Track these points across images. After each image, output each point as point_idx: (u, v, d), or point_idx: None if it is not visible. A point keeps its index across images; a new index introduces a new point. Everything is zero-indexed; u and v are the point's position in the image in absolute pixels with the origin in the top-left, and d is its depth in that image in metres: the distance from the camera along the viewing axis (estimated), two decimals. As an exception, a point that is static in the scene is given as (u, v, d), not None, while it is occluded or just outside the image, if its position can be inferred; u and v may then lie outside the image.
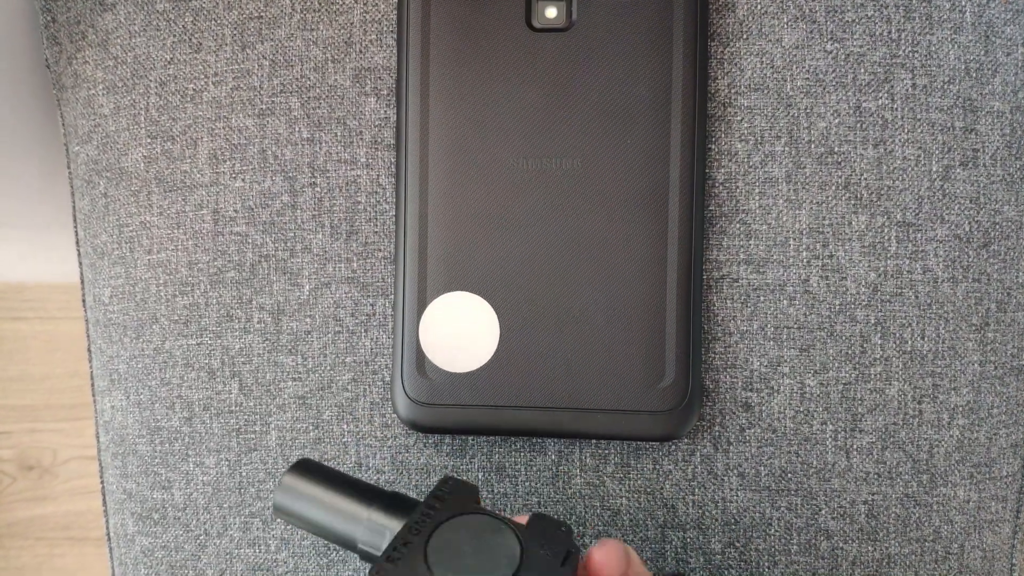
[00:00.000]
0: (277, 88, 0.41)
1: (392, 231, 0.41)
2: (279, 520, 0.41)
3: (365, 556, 0.33)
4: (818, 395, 0.40)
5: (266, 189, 0.41)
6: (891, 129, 0.40)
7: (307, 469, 0.35)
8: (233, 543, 0.42)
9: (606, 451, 0.41)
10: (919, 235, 0.40)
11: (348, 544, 0.34)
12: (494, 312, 0.39)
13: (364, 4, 0.41)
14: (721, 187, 0.40)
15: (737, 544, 0.40)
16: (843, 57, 0.40)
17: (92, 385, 0.47)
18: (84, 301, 0.47)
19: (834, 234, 0.40)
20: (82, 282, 0.47)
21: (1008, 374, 0.42)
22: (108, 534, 0.47)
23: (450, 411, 0.39)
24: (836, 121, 0.40)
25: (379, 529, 0.33)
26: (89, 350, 0.47)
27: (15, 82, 0.48)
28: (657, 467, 0.40)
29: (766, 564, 0.40)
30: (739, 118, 0.40)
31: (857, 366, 0.40)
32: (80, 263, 0.47)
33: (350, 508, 0.34)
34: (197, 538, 0.43)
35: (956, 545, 0.41)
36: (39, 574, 1.00)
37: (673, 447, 0.40)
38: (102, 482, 0.47)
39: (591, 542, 0.40)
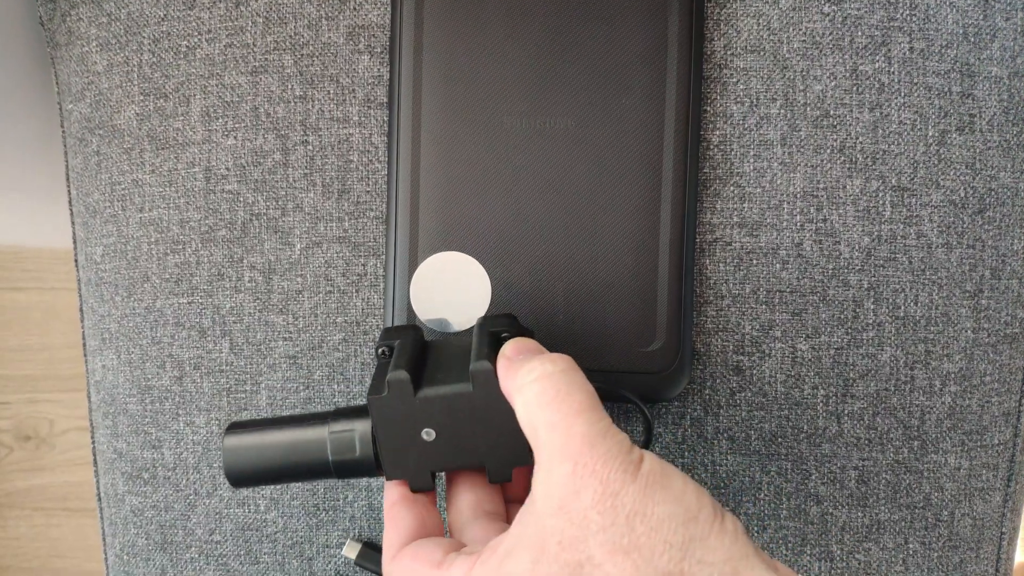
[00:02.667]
0: (270, 45, 0.41)
1: (384, 190, 0.41)
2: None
3: (341, 467, 0.33)
4: (810, 360, 0.40)
5: (258, 147, 0.41)
6: (887, 93, 0.40)
7: (242, 427, 0.34)
8: (223, 503, 0.42)
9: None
10: (914, 200, 0.40)
11: (318, 469, 0.33)
12: (485, 273, 0.39)
13: (358, -38, 0.41)
14: (715, 149, 0.40)
15: (727, 508, 0.40)
16: (840, 19, 0.40)
17: (84, 345, 0.47)
18: (76, 260, 0.47)
19: (828, 198, 0.40)
20: (74, 241, 0.47)
21: (1001, 342, 0.41)
22: (98, 494, 0.47)
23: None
24: (832, 84, 0.40)
25: (346, 436, 0.33)
26: (81, 310, 0.47)
27: (9, 40, 0.48)
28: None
29: (755, 528, 0.40)
30: (734, 80, 0.40)
31: (849, 331, 0.40)
32: (73, 222, 0.47)
33: (307, 435, 0.33)
34: (187, 498, 0.43)
35: (946, 512, 0.41)
36: (35, 544, 1.00)
37: (663, 409, 0.40)
38: (93, 442, 0.47)
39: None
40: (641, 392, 0.38)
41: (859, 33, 0.40)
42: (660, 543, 0.26)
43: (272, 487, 0.42)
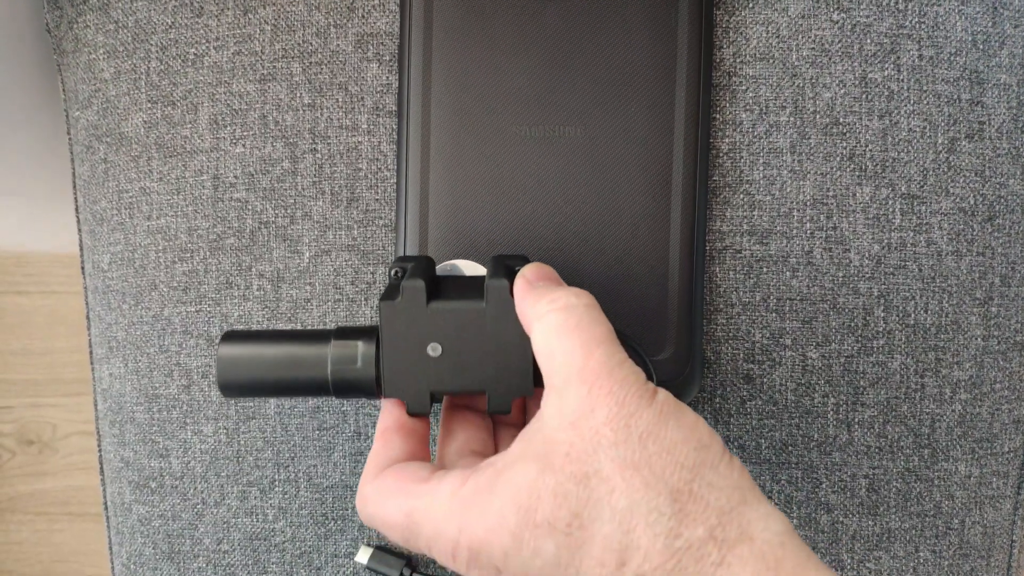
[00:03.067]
0: (279, 53, 0.41)
1: (393, 198, 0.41)
2: (231, 400, 0.39)
3: (339, 383, 0.32)
4: (820, 368, 0.40)
5: (267, 155, 0.41)
6: (897, 100, 0.40)
7: (239, 337, 0.33)
8: (231, 512, 0.42)
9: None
10: (924, 208, 0.40)
11: (316, 385, 0.33)
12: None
13: (367, -31, 0.41)
14: (725, 157, 0.40)
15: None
16: (849, 27, 0.40)
17: (90, 353, 0.47)
18: (83, 268, 0.46)
19: (838, 206, 0.40)
20: (81, 249, 0.47)
21: (1011, 349, 0.41)
22: (105, 503, 0.47)
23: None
24: (842, 92, 0.40)
25: (348, 351, 0.32)
26: (88, 317, 0.47)
27: (15, 47, 0.48)
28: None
29: (765, 537, 0.40)
30: (744, 87, 0.40)
31: (860, 339, 0.40)
32: (79, 230, 0.47)
33: (308, 350, 0.33)
34: (194, 507, 0.43)
35: (957, 520, 0.41)
36: (37, 548, 1.00)
37: (673, 418, 0.40)
38: (99, 451, 0.47)
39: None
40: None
41: (868, 40, 0.40)
42: (671, 463, 0.26)
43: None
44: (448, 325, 0.32)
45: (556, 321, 0.28)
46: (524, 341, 0.31)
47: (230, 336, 0.33)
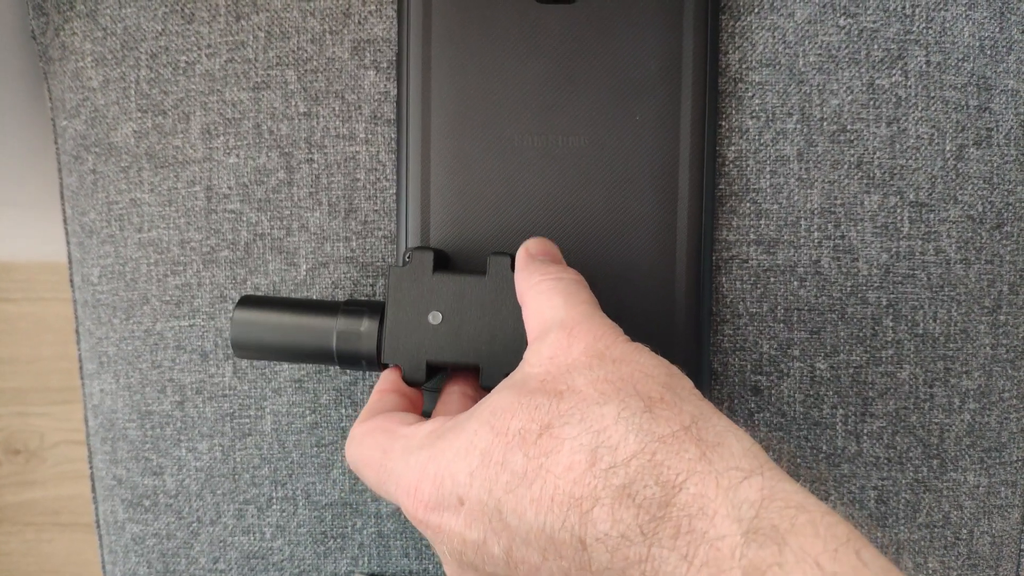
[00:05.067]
0: (273, 60, 0.40)
1: (392, 209, 0.40)
2: (242, 360, 0.41)
3: (344, 355, 0.34)
4: (828, 379, 0.39)
5: (261, 165, 0.40)
6: (905, 107, 0.39)
7: (254, 303, 0.35)
8: (227, 531, 0.41)
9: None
10: (932, 216, 0.39)
11: (321, 354, 0.35)
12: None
13: (363, -26, 0.40)
14: (731, 165, 0.39)
15: (744, 531, 0.40)
16: (856, 33, 0.39)
17: (80, 368, 0.46)
18: (72, 281, 0.45)
19: (846, 214, 0.39)
20: (70, 261, 0.45)
21: (1020, 357, 0.41)
22: (97, 521, 0.46)
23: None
24: (849, 98, 0.39)
25: (354, 323, 0.34)
26: (77, 331, 0.46)
27: (0, 54, 0.47)
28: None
29: (773, 551, 0.40)
30: (750, 94, 0.39)
31: (868, 349, 0.39)
32: (68, 242, 0.45)
33: (317, 322, 0.35)
34: (189, 525, 0.42)
35: (965, 531, 0.41)
36: (27, 559, 0.99)
37: (680, 432, 0.39)
38: (91, 468, 0.46)
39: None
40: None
41: (875, 46, 0.39)
42: (643, 378, 0.26)
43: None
44: (450, 295, 0.34)
45: (548, 287, 0.30)
46: (520, 316, 0.33)
47: (245, 301, 0.35)
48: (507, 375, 0.33)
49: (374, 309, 0.35)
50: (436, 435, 0.28)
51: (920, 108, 0.39)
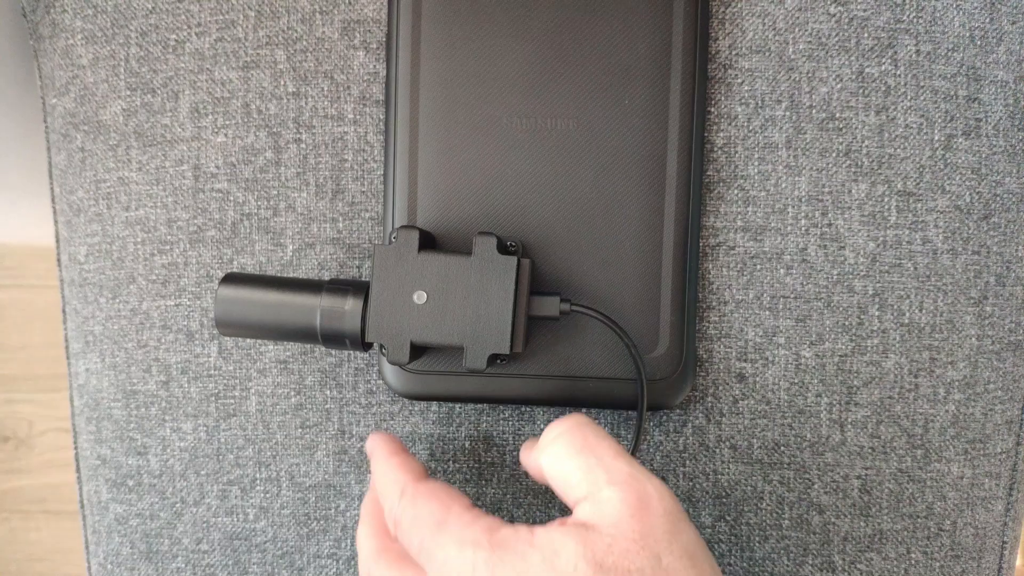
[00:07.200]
0: (262, 40, 0.40)
1: (380, 191, 0.39)
2: (226, 338, 0.40)
3: (328, 335, 0.34)
4: (813, 367, 0.39)
5: (249, 145, 0.40)
6: (894, 96, 0.39)
7: (238, 280, 0.35)
8: (210, 511, 0.41)
9: (596, 420, 0.39)
10: (919, 205, 0.39)
11: (305, 333, 0.34)
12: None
13: (354, -45, 0.40)
14: (720, 152, 0.39)
15: (728, 518, 0.39)
16: (847, 20, 0.39)
17: (66, 347, 0.46)
18: (59, 260, 0.45)
19: (833, 202, 0.39)
20: (57, 240, 0.45)
21: (1005, 349, 0.41)
22: (81, 501, 0.46)
23: (439, 378, 0.38)
24: (838, 86, 0.39)
25: (338, 303, 0.34)
26: (64, 311, 0.45)
27: (-11, 32, 0.46)
28: (648, 438, 0.39)
29: (757, 538, 0.40)
30: (739, 81, 0.39)
31: (854, 338, 0.39)
32: (55, 220, 0.45)
33: (302, 300, 0.34)
34: (173, 506, 0.42)
35: (948, 522, 0.41)
36: (13, 547, 0.98)
37: (664, 417, 0.39)
38: (75, 448, 0.46)
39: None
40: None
41: (865, 35, 0.39)
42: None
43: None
44: (435, 274, 0.34)
45: (562, 446, 0.29)
46: (505, 297, 0.33)
47: (230, 278, 0.35)
48: (490, 353, 0.33)
49: (359, 288, 0.35)
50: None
51: (909, 97, 0.39)
